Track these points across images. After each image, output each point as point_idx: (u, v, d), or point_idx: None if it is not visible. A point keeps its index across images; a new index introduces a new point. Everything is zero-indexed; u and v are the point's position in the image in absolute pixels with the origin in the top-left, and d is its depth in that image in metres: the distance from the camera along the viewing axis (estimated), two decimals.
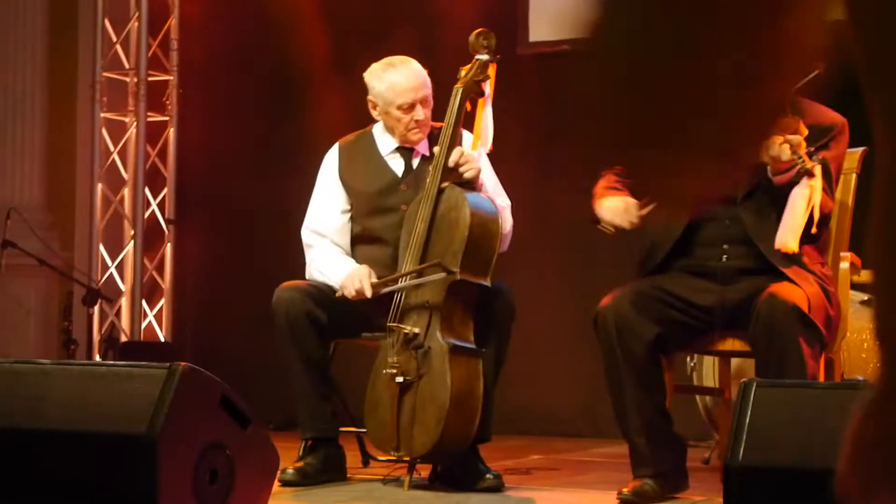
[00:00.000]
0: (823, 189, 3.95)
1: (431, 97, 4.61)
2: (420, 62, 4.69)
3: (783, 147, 3.89)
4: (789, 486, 2.65)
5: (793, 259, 4.06)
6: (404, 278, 4.36)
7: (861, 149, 4.38)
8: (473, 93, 4.46)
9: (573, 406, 6.69)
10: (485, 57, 4.47)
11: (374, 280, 4.43)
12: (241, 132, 7.39)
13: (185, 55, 7.57)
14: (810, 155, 3.86)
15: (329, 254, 4.62)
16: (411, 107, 4.55)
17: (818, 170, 3.88)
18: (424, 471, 4.48)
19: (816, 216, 3.96)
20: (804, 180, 3.91)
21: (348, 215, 4.68)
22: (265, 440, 3.37)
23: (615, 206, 4.11)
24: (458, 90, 4.46)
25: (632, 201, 4.10)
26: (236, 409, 3.26)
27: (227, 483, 3.19)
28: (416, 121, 4.55)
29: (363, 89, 4.67)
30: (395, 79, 4.57)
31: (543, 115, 6.83)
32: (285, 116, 7.28)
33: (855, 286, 4.80)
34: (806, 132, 3.95)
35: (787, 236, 3.94)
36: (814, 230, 4.03)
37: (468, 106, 4.47)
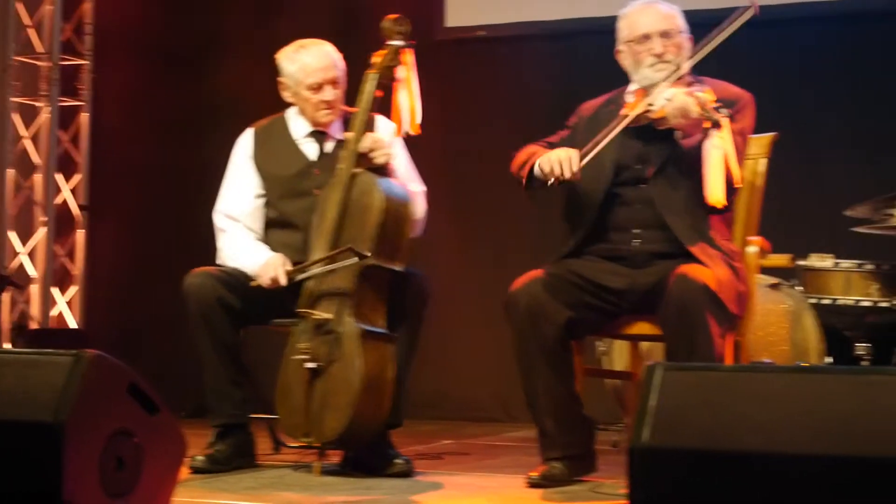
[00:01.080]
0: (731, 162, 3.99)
1: (343, 80, 4.62)
2: (337, 47, 4.69)
3: (691, 101, 3.93)
4: (694, 467, 2.67)
5: (701, 235, 4.09)
6: (318, 264, 4.35)
7: (771, 134, 4.43)
8: (386, 78, 4.45)
9: (486, 391, 6.72)
10: (398, 43, 4.47)
11: (289, 268, 4.42)
12: (154, 118, 7.33)
13: (100, 40, 7.49)
14: (717, 109, 3.90)
15: (242, 240, 4.60)
16: (320, 87, 4.57)
17: (725, 122, 3.91)
18: (335, 457, 4.48)
19: (734, 168, 3.99)
20: (713, 133, 3.94)
21: (262, 200, 4.66)
22: (173, 427, 3.34)
23: (557, 156, 4.10)
24: (369, 76, 4.46)
25: (573, 151, 4.10)
26: (144, 396, 3.23)
27: (134, 470, 3.15)
28: (325, 101, 4.57)
29: (278, 73, 4.67)
30: (306, 59, 4.59)
31: (460, 100, 6.85)
32: (200, 102, 7.23)
33: (762, 270, 4.86)
34: (714, 95, 3.99)
35: (714, 189, 3.98)
36: (737, 184, 4.06)
37: (380, 92, 4.46)
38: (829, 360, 5.42)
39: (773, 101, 4.44)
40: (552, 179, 4.09)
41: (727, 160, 3.96)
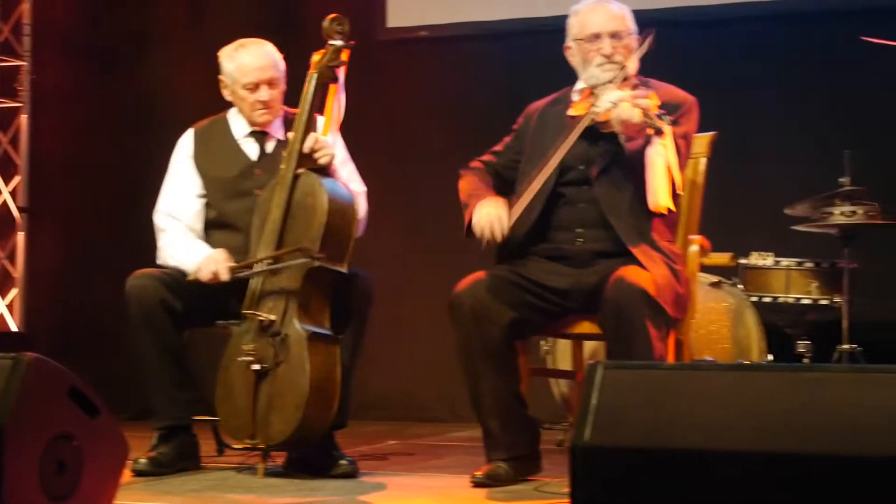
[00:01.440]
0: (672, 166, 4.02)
1: (282, 80, 4.61)
2: (277, 46, 4.68)
3: (634, 110, 3.95)
4: (636, 466, 2.68)
5: (643, 237, 4.11)
6: (262, 263, 4.34)
7: (711, 133, 4.46)
8: (327, 78, 4.45)
9: (431, 392, 6.72)
10: (338, 42, 4.46)
11: (232, 264, 4.41)
12: (95, 119, 7.28)
13: (38, 40, 7.43)
14: (660, 116, 3.93)
15: (182, 238, 4.58)
16: (256, 86, 4.56)
17: (668, 129, 3.94)
18: (279, 458, 4.47)
19: (676, 176, 4.02)
20: (655, 140, 3.97)
21: (203, 200, 4.65)
22: (115, 430, 3.32)
23: (488, 219, 4.15)
24: (312, 76, 4.45)
25: (502, 211, 4.14)
26: (85, 399, 3.20)
27: (75, 473, 3.13)
28: (261, 101, 4.56)
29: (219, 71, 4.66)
30: (244, 58, 4.59)
31: (402, 100, 6.85)
32: (140, 102, 7.19)
33: (704, 268, 4.88)
34: (658, 101, 4.02)
35: (658, 196, 4.01)
36: (679, 191, 4.09)
37: (335, 85, 4.45)
38: (771, 357, 5.46)
39: (711, 99, 4.46)
40: (483, 243, 4.14)
41: (669, 167, 3.99)
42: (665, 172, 4.00)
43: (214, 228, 4.62)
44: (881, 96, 6.09)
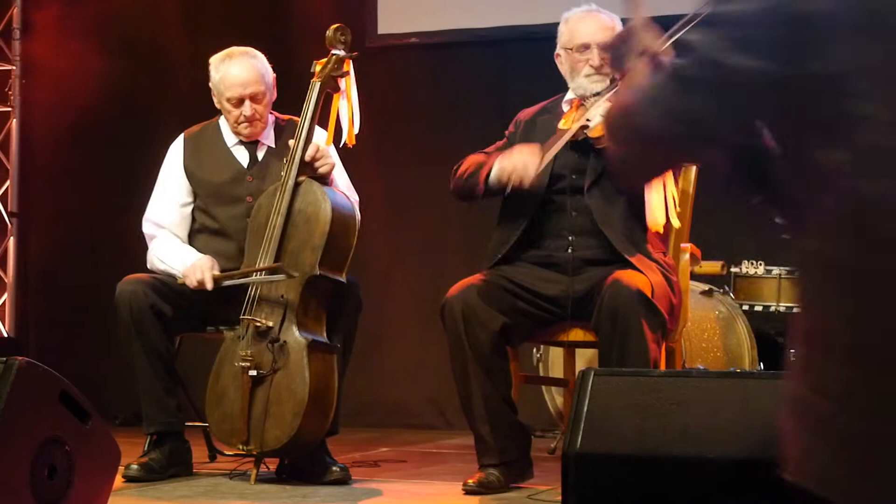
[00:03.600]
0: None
1: (269, 92, 4.58)
2: (270, 52, 4.67)
3: None
4: (626, 472, 2.69)
5: (637, 248, 4.12)
6: (252, 274, 4.34)
7: None
8: (329, 87, 4.45)
9: (422, 398, 6.71)
10: (341, 52, 4.46)
11: (217, 272, 4.41)
12: (86, 124, 7.27)
13: (28, 45, 7.42)
14: None
15: (169, 242, 4.58)
16: (240, 101, 4.54)
17: None
18: (271, 464, 4.46)
19: (671, 190, 4.03)
20: None
21: (188, 208, 4.64)
22: (106, 435, 3.32)
23: (513, 164, 4.11)
24: (314, 84, 4.44)
25: (532, 157, 4.11)
26: (76, 404, 3.20)
27: (65, 479, 3.13)
28: (245, 116, 4.54)
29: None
30: (230, 71, 4.56)
31: (391, 107, 6.85)
32: (132, 107, 7.18)
33: (695, 277, 4.89)
34: None
35: (655, 213, 4.02)
36: (677, 209, 4.10)
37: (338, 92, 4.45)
38: (762, 366, 5.47)
39: None
40: (509, 188, 4.11)
41: (665, 183, 4.00)
42: (660, 190, 4.01)
43: (205, 234, 4.61)
44: None
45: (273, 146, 4.61)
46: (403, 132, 6.87)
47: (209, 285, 4.36)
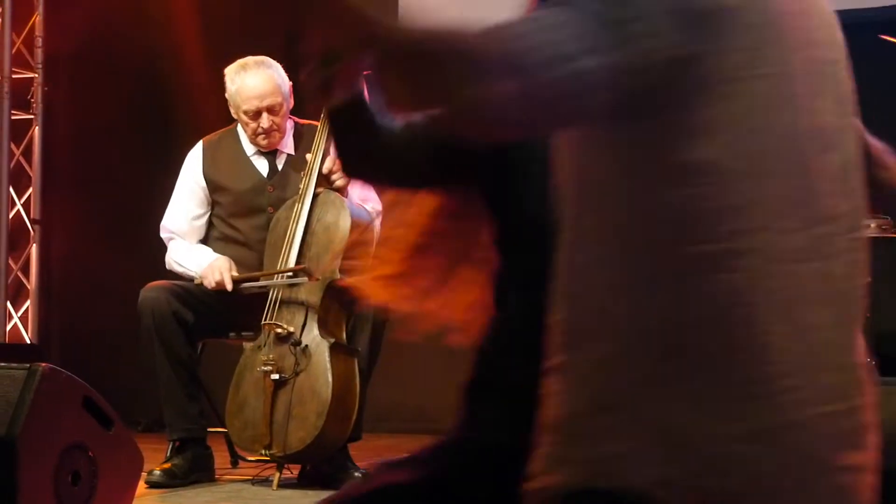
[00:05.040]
0: None
1: (285, 102, 4.55)
2: (288, 61, 4.66)
3: None
4: None
5: None
6: (269, 277, 4.35)
7: None
8: None
9: (445, 404, 6.66)
10: None
11: (235, 273, 4.42)
12: (107, 130, 7.29)
13: (50, 52, 7.44)
14: None
15: (186, 244, 4.60)
16: (257, 114, 4.52)
17: None
18: (294, 470, 4.46)
19: None
20: None
21: (200, 221, 4.65)
22: (129, 441, 3.32)
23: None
24: None
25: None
26: (99, 410, 3.21)
27: (89, 484, 3.14)
28: (263, 128, 4.52)
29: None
30: (246, 82, 4.53)
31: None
32: (152, 114, 7.19)
33: None
34: None
35: None
36: None
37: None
38: None
39: None
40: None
41: None
42: None
43: (224, 243, 4.61)
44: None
45: (293, 153, 4.61)
46: None
47: (228, 286, 4.37)
